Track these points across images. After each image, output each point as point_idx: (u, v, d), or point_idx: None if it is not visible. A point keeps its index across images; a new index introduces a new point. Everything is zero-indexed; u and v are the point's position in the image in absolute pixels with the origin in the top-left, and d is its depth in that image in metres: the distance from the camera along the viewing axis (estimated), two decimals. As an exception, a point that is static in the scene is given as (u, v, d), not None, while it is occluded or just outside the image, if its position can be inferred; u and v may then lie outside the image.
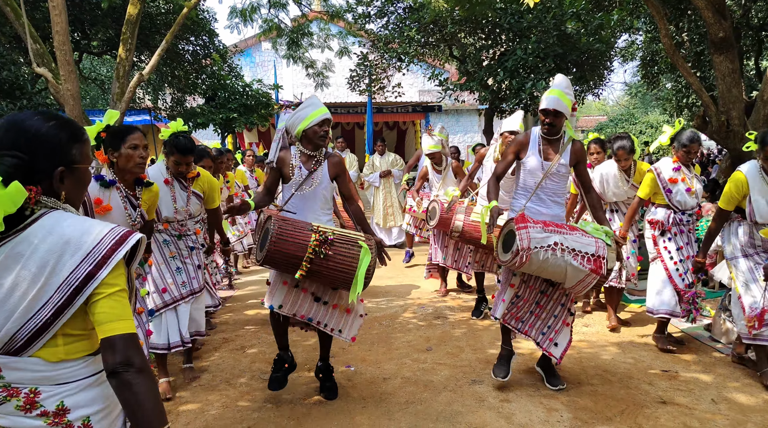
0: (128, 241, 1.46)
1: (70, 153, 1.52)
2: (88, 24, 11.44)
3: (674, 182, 4.50)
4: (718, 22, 6.99)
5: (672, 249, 4.55)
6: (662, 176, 4.54)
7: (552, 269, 3.43)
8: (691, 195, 4.50)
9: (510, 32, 10.70)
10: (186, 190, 4.06)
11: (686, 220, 4.57)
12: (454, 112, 19.98)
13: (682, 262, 4.53)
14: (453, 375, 4.09)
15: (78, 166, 1.55)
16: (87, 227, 1.44)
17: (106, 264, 1.41)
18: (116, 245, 1.44)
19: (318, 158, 3.59)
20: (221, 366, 4.38)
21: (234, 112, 12.70)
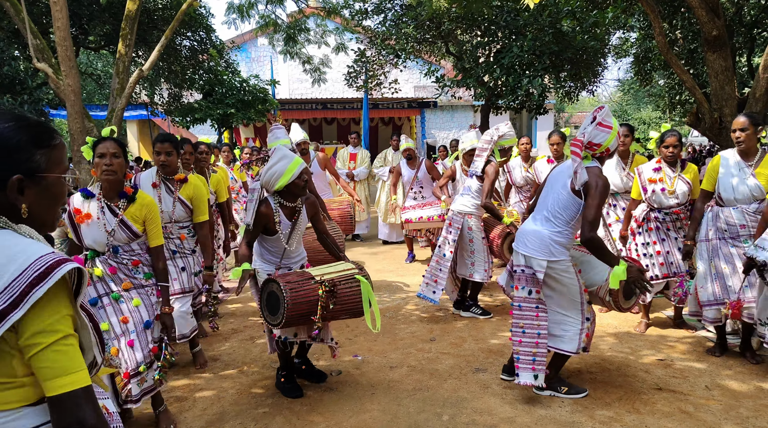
0: (54, 273, 1.20)
1: (31, 159, 1.30)
2: (86, 19, 11.47)
3: (653, 181, 4.69)
4: (712, 21, 7.15)
5: (639, 242, 4.83)
6: (642, 176, 4.77)
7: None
8: (668, 195, 4.65)
9: (506, 30, 10.83)
10: (172, 194, 4.09)
11: (662, 218, 4.73)
12: (449, 108, 20.14)
13: (648, 256, 4.78)
14: (457, 364, 4.24)
15: (44, 175, 1.32)
16: (15, 253, 1.21)
17: (23, 302, 1.16)
18: (39, 278, 1.18)
19: (297, 207, 3.71)
20: (233, 355, 4.50)
21: (231, 107, 12.79)
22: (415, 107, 19.47)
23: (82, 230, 3.19)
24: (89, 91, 20.15)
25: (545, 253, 3.48)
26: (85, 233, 3.19)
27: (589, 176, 3.37)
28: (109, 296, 3.18)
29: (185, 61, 13.15)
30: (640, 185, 4.78)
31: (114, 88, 9.99)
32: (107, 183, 3.17)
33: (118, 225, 3.16)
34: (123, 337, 3.13)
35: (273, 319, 3.39)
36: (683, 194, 4.66)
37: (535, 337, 3.57)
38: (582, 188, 3.36)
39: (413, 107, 19.47)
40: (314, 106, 18.62)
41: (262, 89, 13.64)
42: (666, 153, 4.65)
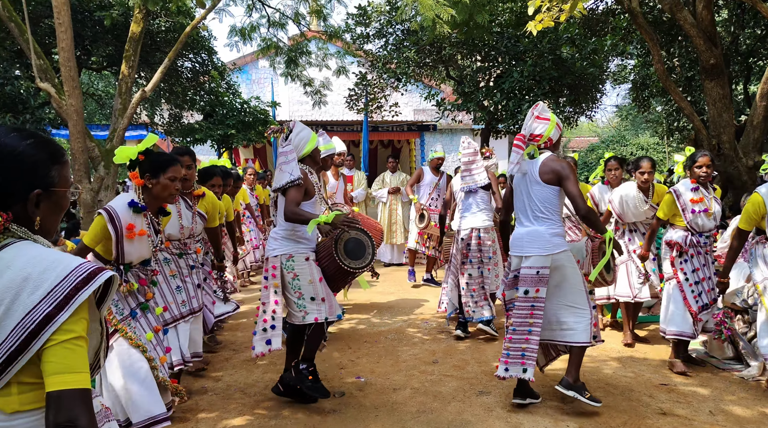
0: (96, 279, 1.29)
1: (48, 175, 1.39)
2: (90, 40, 11.57)
3: (695, 202, 4.46)
4: (709, 50, 7.27)
5: (688, 271, 4.53)
6: (682, 197, 4.51)
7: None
8: (708, 217, 4.48)
9: (506, 55, 10.97)
10: (191, 209, 4.11)
11: (703, 242, 4.55)
12: (448, 131, 20.25)
13: (698, 284, 4.52)
14: (460, 387, 4.21)
15: (56, 189, 1.42)
16: (51, 262, 1.28)
17: (68, 305, 1.24)
18: (82, 283, 1.27)
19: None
20: (234, 376, 4.46)
21: (232, 128, 12.85)
22: (414, 129, 19.58)
23: (127, 246, 3.09)
24: (90, 111, 20.25)
25: (548, 248, 3.65)
26: (129, 249, 3.10)
27: (551, 164, 3.68)
28: (139, 307, 3.23)
29: (186, 83, 13.24)
30: (680, 208, 4.51)
31: (116, 108, 10.05)
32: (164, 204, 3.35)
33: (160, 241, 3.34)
34: (159, 346, 3.25)
35: (360, 262, 3.70)
36: (719, 216, 4.53)
37: (526, 334, 3.68)
38: (551, 176, 3.66)
39: (413, 130, 19.57)
40: (314, 128, 18.64)
41: (263, 111, 13.71)
42: (699, 173, 4.44)
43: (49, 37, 11.26)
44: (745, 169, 7.43)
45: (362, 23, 12.26)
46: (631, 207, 5.18)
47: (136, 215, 3.13)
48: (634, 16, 7.84)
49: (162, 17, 11.64)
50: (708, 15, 7.27)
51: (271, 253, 3.77)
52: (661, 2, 7.64)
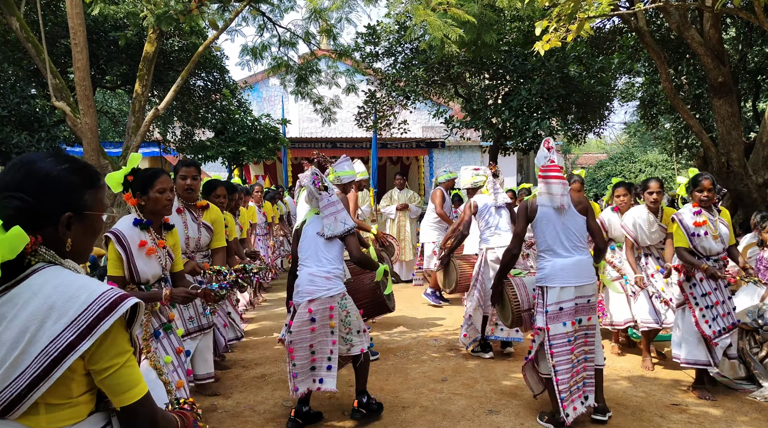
0: (120, 307, 1.32)
1: (81, 198, 1.43)
2: (104, 60, 11.78)
3: (698, 225, 4.36)
4: (717, 68, 7.30)
5: (697, 295, 4.41)
6: (685, 222, 4.42)
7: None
8: (714, 239, 4.38)
9: (514, 73, 11.06)
10: (196, 220, 4.12)
11: (712, 265, 4.38)
12: (457, 148, 20.36)
13: (709, 308, 4.37)
14: (470, 405, 4.21)
15: (90, 213, 1.46)
16: (76, 290, 1.31)
17: (91, 334, 1.28)
18: (105, 312, 1.30)
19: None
20: (244, 394, 4.48)
21: (243, 145, 12.98)
22: (423, 146, 19.68)
23: (139, 264, 3.07)
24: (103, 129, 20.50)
25: (593, 277, 3.83)
26: (142, 268, 3.09)
27: (577, 196, 3.93)
28: (161, 328, 3.20)
29: (198, 101, 13.42)
30: (684, 232, 4.40)
31: (129, 126, 10.20)
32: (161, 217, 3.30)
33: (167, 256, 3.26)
34: (180, 368, 3.18)
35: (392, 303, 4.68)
36: (726, 238, 4.43)
37: (584, 362, 3.81)
38: (581, 207, 3.85)
39: (421, 147, 19.68)
40: (324, 144, 18.85)
41: (273, 128, 13.85)
42: (701, 197, 4.40)
43: (64, 56, 11.48)
44: (755, 186, 7.42)
45: (371, 42, 12.41)
46: (645, 230, 5.15)
47: (144, 232, 3.14)
48: (641, 35, 7.90)
49: (175, 37, 11.84)
50: (715, 33, 7.32)
51: (327, 293, 3.72)
52: (668, 21, 7.69)
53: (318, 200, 3.89)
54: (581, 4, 4.90)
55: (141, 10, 8.69)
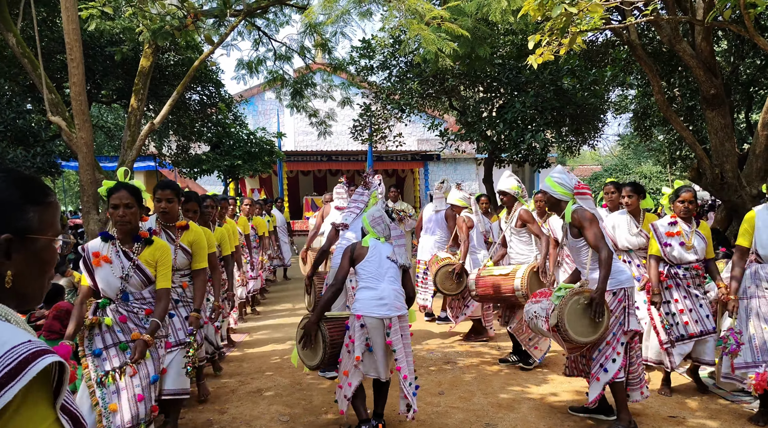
0: (31, 367, 0.94)
1: (21, 217, 1.13)
2: (100, 75, 11.81)
3: (670, 235, 4.61)
4: (710, 80, 7.36)
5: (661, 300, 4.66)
6: (659, 231, 4.68)
7: (540, 332, 4.07)
8: (687, 249, 4.57)
9: (508, 86, 11.14)
10: (173, 242, 4.01)
11: (682, 274, 4.62)
12: (452, 160, 20.43)
13: (670, 315, 4.61)
14: (467, 419, 4.19)
15: (35, 236, 1.14)
16: None
17: None
18: (8, 375, 0.92)
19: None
20: (240, 408, 4.46)
21: (238, 159, 13.00)
22: (418, 159, 19.78)
23: (97, 273, 3.22)
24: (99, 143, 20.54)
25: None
26: (99, 277, 3.23)
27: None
28: (116, 346, 3.17)
29: (194, 115, 13.46)
30: (657, 240, 4.66)
31: (125, 140, 10.21)
32: (121, 233, 3.30)
33: (133, 269, 3.25)
34: (125, 391, 3.08)
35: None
36: (701, 250, 4.61)
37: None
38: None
39: (417, 160, 19.78)
40: (319, 158, 18.92)
41: (269, 141, 13.90)
42: (681, 208, 4.59)
43: (60, 71, 11.51)
44: (749, 198, 7.45)
45: (366, 56, 12.49)
46: (624, 231, 5.22)
47: (104, 244, 3.27)
48: (633, 48, 7.97)
49: (171, 52, 11.89)
50: (707, 46, 7.39)
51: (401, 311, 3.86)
52: (660, 34, 7.77)
53: (390, 230, 4.09)
54: (573, 18, 4.94)
55: (137, 26, 8.74)
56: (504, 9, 6.76)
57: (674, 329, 4.59)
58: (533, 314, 4.00)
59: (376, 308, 3.75)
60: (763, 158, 7.50)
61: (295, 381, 5.08)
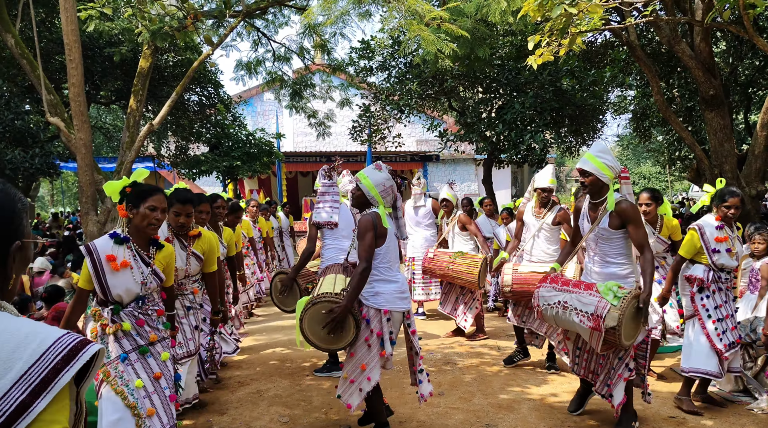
0: (80, 356, 1.07)
1: (22, 225, 1.22)
2: (99, 75, 11.81)
3: (719, 240, 4.29)
4: (709, 81, 7.37)
5: (710, 307, 4.35)
6: (706, 236, 4.32)
7: (565, 324, 3.79)
8: (732, 256, 4.33)
9: (508, 87, 11.14)
10: (186, 249, 4.01)
11: (724, 278, 4.39)
12: (451, 161, 20.44)
13: (721, 321, 4.33)
14: (467, 419, 4.19)
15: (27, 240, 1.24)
16: (24, 337, 1.06)
17: (46, 391, 1.03)
18: (62, 362, 1.05)
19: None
20: (240, 409, 4.45)
21: (237, 160, 13.00)
22: (417, 160, 19.79)
23: (110, 279, 2.97)
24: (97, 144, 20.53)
25: None
26: (113, 283, 2.97)
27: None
28: (137, 350, 3.04)
29: (193, 115, 13.45)
30: (703, 244, 4.31)
31: (124, 141, 10.19)
32: (148, 236, 3.14)
33: (151, 274, 3.10)
34: (155, 395, 3.02)
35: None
36: (740, 256, 4.45)
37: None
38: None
39: (416, 160, 19.79)
40: (319, 158, 18.93)
41: (268, 142, 13.90)
42: (727, 213, 4.30)
43: (59, 72, 11.51)
44: (748, 198, 7.46)
45: (365, 57, 12.49)
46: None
47: (118, 246, 3.02)
48: (632, 49, 7.98)
49: (170, 53, 11.89)
50: (706, 47, 7.40)
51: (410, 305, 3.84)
52: (659, 35, 7.78)
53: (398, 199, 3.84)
54: (573, 18, 4.94)
55: (136, 26, 8.73)
56: (503, 10, 6.76)
57: (726, 335, 4.33)
58: (562, 303, 3.72)
59: (400, 301, 3.66)
60: (762, 158, 7.51)
61: (294, 382, 5.08)
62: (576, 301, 3.68)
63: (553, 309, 3.75)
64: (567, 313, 3.69)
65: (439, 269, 6.49)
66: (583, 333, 3.74)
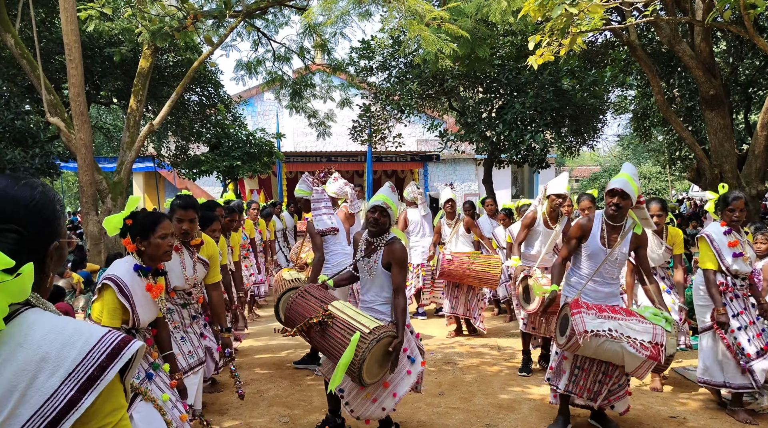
0: (124, 352, 1.13)
1: (60, 225, 1.26)
2: (99, 76, 11.81)
3: (731, 245, 4.19)
4: (709, 81, 7.37)
5: (729, 315, 4.20)
6: (716, 242, 4.24)
7: (608, 354, 3.51)
8: (744, 261, 4.22)
9: (508, 87, 11.14)
10: (193, 257, 3.92)
11: (740, 285, 4.27)
12: (451, 161, 20.43)
13: (743, 329, 4.17)
14: (467, 419, 4.19)
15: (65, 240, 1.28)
16: (70, 336, 1.10)
17: (94, 387, 1.08)
18: (108, 359, 1.10)
19: (377, 244, 3.60)
20: (240, 410, 4.45)
21: (237, 160, 12.99)
22: (418, 160, 19.78)
23: (140, 311, 2.90)
24: (98, 144, 20.54)
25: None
26: (142, 316, 2.92)
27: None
28: (151, 367, 2.99)
29: (193, 115, 13.45)
30: (714, 251, 4.22)
31: (124, 141, 10.19)
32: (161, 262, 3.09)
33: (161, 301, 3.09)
34: (179, 403, 3.05)
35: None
36: (754, 260, 4.33)
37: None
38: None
39: (416, 160, 19.78)
40: (319, 158, 18.92)
41: (268, 142, 13.90)
42: (732, 217, 4.20)
43: (59, 72, 11.51)
44: (749, 198, 7.46)
45: (366, 57, 12.48)
46: (648, 252, 5.03)
47: (143, 279, 2.96)
48: (633, 49, 7.98)
49: (170, 53, 11.88)
50: (706, 47, 7.40)
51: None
52: (660, 35, 7.77)
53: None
54: (573, 18, 4.94)
55: (136, 27, 8.72)
56: (504, 10, 6.77)
57: (753, 342, 4.14)
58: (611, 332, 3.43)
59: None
60: (762, 158, 7.51)
61: (294, 383, 5.07)
62: (626, 329, 3.44)
63: (599, 339, 3.42)
64: (615, 342, 3.42)
65: (459, 270, 6.35)
66: (631, 363, 3.48)
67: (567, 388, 3.83)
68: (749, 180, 7.58)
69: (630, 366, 3.49)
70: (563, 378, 3.85)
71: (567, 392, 3.84)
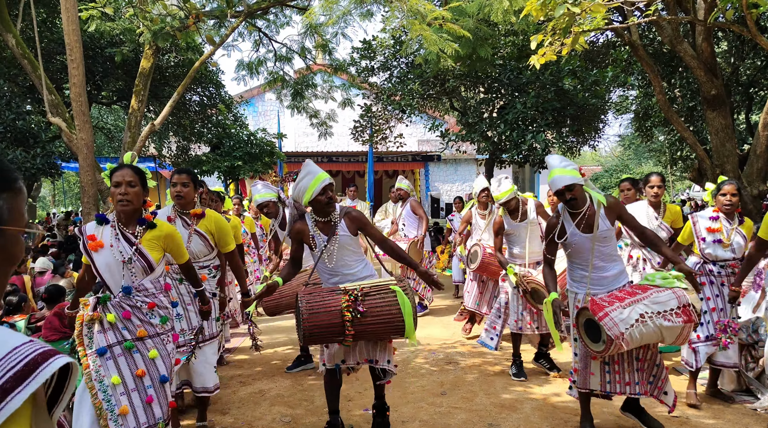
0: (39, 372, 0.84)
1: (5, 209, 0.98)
2: (100, 76, 11.82)
3: (710, 231, 4.38)
4: (710, 81, 7.36)
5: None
6: (698, 224, 4.46)
7: (646, 337, 3.38)
8: (724, 247, 4.35)
9: (509, 87, 11.14)
10: (188, 227, 3.96)
11: (717, 271, 4.42)
12: (452, 161, 20.42)
13: (705, 313, 4.38)
14: (469, 419, 4.18)
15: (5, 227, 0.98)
16: None
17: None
18: (15, 380, 0.82)
19: (333, 220, 3.63)
20: (242, 409, 4.45)
21: (239, 160, 13.00)
22: (419, 160, 19.79)
23: (97, 259, 3.03)
24: (99, 144, 20.54)
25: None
26: (99, 262, 3.03)
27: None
28: (121, 345, 2.95)
29: (194, 116, 13.46)
30: (694, 234, 4.46)
31: (125, 141, 10.19)
32: (122, 213, 3.08)
33: (135, 254, 3.04)
34: (136, 392, 2.94)
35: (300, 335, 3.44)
36: (739, 248, 4.38)
37: None
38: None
39: (417, 160, 19.79)
40: (320, 159, 18.92)
41: (269, 142, 13.90)
42: (723, 201, 4.36)
43: (60, 72, 11.52)
44: (750, 198, 7.45)
45: (367, 57, 12.48)
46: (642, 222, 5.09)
47: (99, 227, 3.11)
48: (634, 49, 7.97)
49: (171, 53, 11.88)
50: (708, 47, 7.39)
51: None
52: (661, 35, 7.77)
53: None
54: (575, 18, 4.94)
55: (137, 27, 8.72)
56: (506, 9, 6.76)
57: (706, 327, 4.38)
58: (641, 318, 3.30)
59: None
60: (764, 158, 7.49)
61: (296, 382, 5.08)
62: (652, 305, 3.34)
63: (636, 329, 3.28)
64: (650, 324, 3.30)
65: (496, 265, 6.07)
66: (670, 336, 3.40)
67: (604, 389, 3.69)
68: (751, 180, 7.57)
69: (669, 338, 3.42)
70: (593, 380, 3.70)
71: (605, 393, 3.72)
